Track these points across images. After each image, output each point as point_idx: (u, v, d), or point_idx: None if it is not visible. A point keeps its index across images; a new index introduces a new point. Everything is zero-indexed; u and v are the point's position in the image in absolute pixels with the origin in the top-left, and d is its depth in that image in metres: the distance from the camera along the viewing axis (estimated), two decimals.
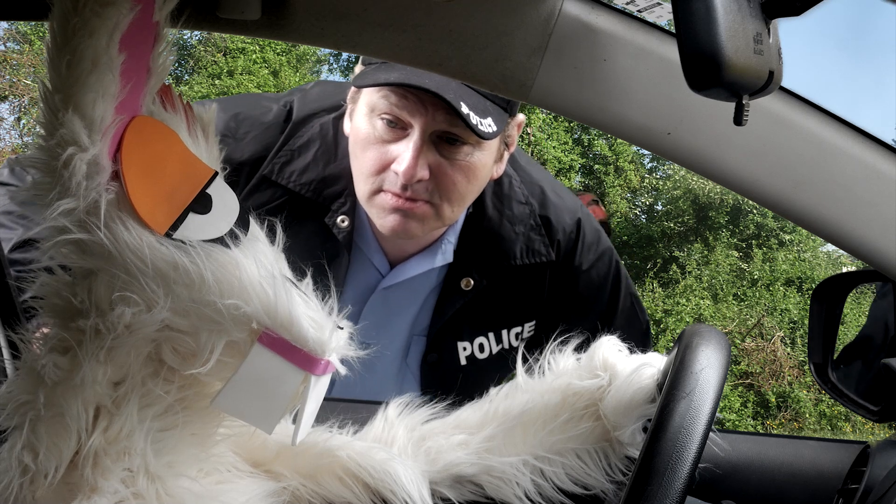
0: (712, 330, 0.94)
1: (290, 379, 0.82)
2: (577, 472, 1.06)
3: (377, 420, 1.11)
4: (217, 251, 0.81)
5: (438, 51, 1.00)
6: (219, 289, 0.79)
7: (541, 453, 1.06)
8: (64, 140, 0.74)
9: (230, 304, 0.78)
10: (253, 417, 0.84)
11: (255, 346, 0.80)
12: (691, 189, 12.99)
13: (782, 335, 9.26)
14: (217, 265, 0.80)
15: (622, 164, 13.71)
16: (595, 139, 13.60)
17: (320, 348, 0.82)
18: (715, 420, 0.84)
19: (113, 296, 0.79)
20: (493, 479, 1.06)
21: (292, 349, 0.81)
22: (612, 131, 1.02)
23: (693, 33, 0.62)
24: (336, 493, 1.03)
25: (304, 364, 0.82)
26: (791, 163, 0.97)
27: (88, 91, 0.74)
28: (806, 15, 0.67)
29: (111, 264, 0.78)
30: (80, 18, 0.73)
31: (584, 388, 1.07)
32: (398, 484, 1.01)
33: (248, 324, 0.80)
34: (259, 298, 0.80)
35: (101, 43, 0.74)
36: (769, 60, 0.67)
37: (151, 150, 0.82)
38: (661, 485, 0.78)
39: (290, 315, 0.80)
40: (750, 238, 12.78)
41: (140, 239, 0.78)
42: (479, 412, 1.11)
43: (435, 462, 1.06)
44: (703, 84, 0.64)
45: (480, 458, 1.06)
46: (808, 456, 1.21)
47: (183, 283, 0.78)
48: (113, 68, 0.75)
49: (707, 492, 1.17)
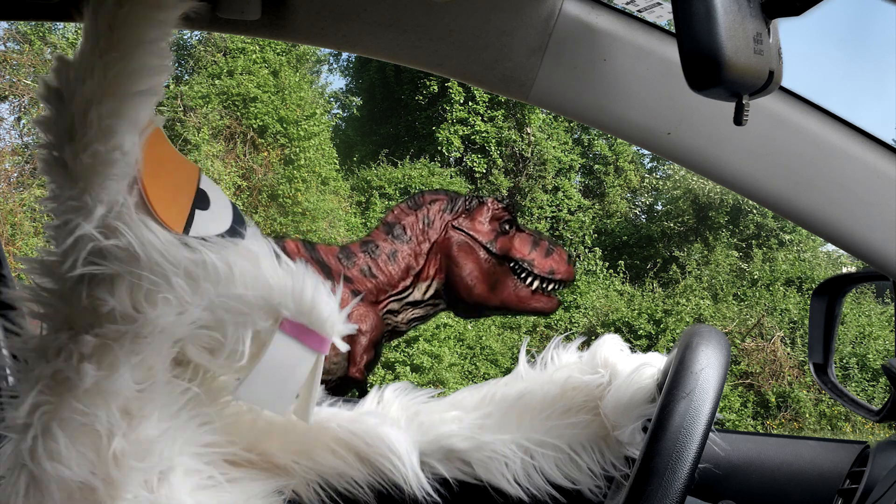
0: (712, 330, 0.94)
1: (306, 361, 0.84)
2: (567, 464, 1.06)
3: (369, 397, 1.11)
4: (233, 244, 0.82)
5: (438, 51, 1.00)
6: (243, 281, 0.80)
7: (534, 436, 1.06)
8: (112, 146, 0.75)
9: (258, 296, 0.80)
10: (271, 403, 0.86)
11: (277, 334, 0.82)
12: (691, 189, 12.98)
13: (782, 335, 9.25)
14: (237, 258, 0.81)
15: (622, 164, 13.70)
16: (595, 139, 13.59)
17: (330, 329, 0.84)
18: (715, 420, 0.84)
19: (142, 297, 0.79)
20: (484, 457, 1.06)
21: (308, 332, 0.83)
22: (612, 131, 1.02)
23: (693, 33, 0.62)
24: (330, 465, 1.03)
25: (317, 345, 0.84)
26: (791, 163, 0.97)
27: (140, 94, 0.76)
28: (806, 15, 0.67)
29: (136, 267, 0.79)
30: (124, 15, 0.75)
31: (583, 383, 1.08)
32: (391, 448, 1.01)
33: (275, 312, 0.81)
34: (280, 286, 0.81)
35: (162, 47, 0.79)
36: (769, 60, 0.67)
37: (153, 151, 0.83)
38: (661, 485, 0.78)
39: (312, 300, 0.82)
40: (750, 238, 12.77)
41: (163, 239, 0.79)
42: (477, 395, 1.12)
43: (426, 433, 1.07)
44: (703, 84, 0.64)
45: (473, 433, 1.06)
46: (808, 456, 1.21)
47: (209, 279, 0.79)
48: (165, 71, 0.79)
49: (707, 492, 1.17)
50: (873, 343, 9.16)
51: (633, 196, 14.40)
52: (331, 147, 10.77)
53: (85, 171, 0.76)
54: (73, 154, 0.76)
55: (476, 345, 9.15)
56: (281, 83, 10.04)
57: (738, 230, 12.90)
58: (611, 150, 13.65)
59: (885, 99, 31.68)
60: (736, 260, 11.85)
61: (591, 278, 11.18)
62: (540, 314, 3.23)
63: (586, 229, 12.71)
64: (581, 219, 12.76)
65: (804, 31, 28.62)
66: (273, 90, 9.94)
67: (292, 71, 10.46)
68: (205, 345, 0.84)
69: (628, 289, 11.05)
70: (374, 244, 3.12)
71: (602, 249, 12.07)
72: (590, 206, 13.15)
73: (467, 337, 9.17)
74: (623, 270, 11.50)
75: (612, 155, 13.65)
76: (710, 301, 9.98)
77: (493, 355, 9.08)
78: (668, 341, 8.97)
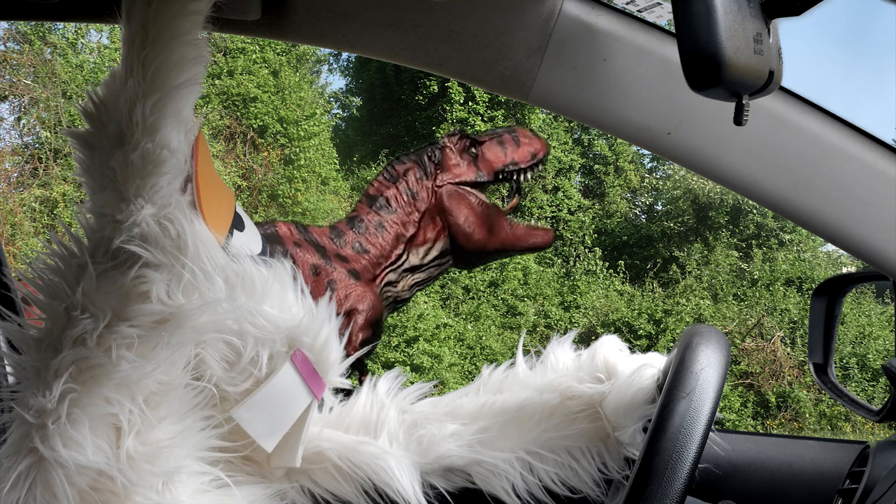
0: (712, 330, 0.94)
1: (302, 400, 0.84)
2: (568, 471, 1.06)
3: (363, 396, 1.10)
4: (273, 266, 0.84)
5: (438, 51, 1.00)
6: (272, 301, 0.81)
7: (533, 449, 1.06)
8: (159, 143, 0.76)
9: (283, 318, 0.81)
10: (261, 432, 0.86)
11: (287, 363, 0.82)
12: (691, 189, 12.98)
13: (782, 335, 9.25)
14: (271, 279, 0.82)
15: (622, 164, 13.70)
16: (595, 139, 13.59)
17: (334, 375, 0.85)
18: (715, 420, 0.84)
19: (180, 289, 0.80)
20: (484, 471, 1.06)
21: (313, 374, 0.84)
22: (612, 131, 1.02)
23: (693, 33, 0.62)
24: (331, 487, 1.04)
25: (316, 388, 0.84)
26: (791, 163, 0.97)
27: (180, 89, 0.77)
28: (806, 15, 0.67)
29: (182, 258, 0.80)
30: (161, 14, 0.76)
31: (582, 392, 1.07)
32: (392, 477, 1.01)
33: (293, 340, 0.82)
34: (309, 317, 0.82)
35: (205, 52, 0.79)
36: (769, 60, 0.67)
37: (206, 162, 0.85)
38: (661, 485, 0.78)
39: (327, 340, 0.83)
40: (750, 238, 12.77)
41: (210, 240, 0.81)
42: (475, 403, 1.11)
43: (427, 453, 1.06)
44: (703, 84, 0.64)
45: (472, 450, 1.06)
46: (808, 456, 1.21)
47: (245, 289, 0.80)
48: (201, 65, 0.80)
49: (707, 492, 1.17)
50: (873, 343, 9.16)
51: (633, 196, 14.40)
52: (331, 147, 10.77)
53: (135, 172, 0.77)
54: (124, 157, 0.77)
55: (476, 345, 9.15)
56: (281, 83, 10.04)
57: (738, 230, 12.90)
58: (611, 150, 13.65)
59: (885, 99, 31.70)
60: (736, 260, 11.85)
61: (591, 278, 11.18)
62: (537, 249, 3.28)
63: (586, 229, 12.71)
64: (581, 219, 12.76)
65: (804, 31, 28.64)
66: (273, 90, 9.94)
67: (292, 71, 10.46)
68: (223, 355, 0.85)
69: (628, 289, 11.05)
70: (359, 219, 3.15)
71: (602, 249, 12.07)
72: (590, 206, 13.14)
73: (467, 337, 9.17)
74: (623, 270, 11.50)
75: (612, 155, 13.64)
76: (710, 301, 9.98)
77: (493, 355, 9.08)
78: (668, 341, 8.97)
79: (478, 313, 9.72)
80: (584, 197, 13.28)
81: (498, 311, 10.05)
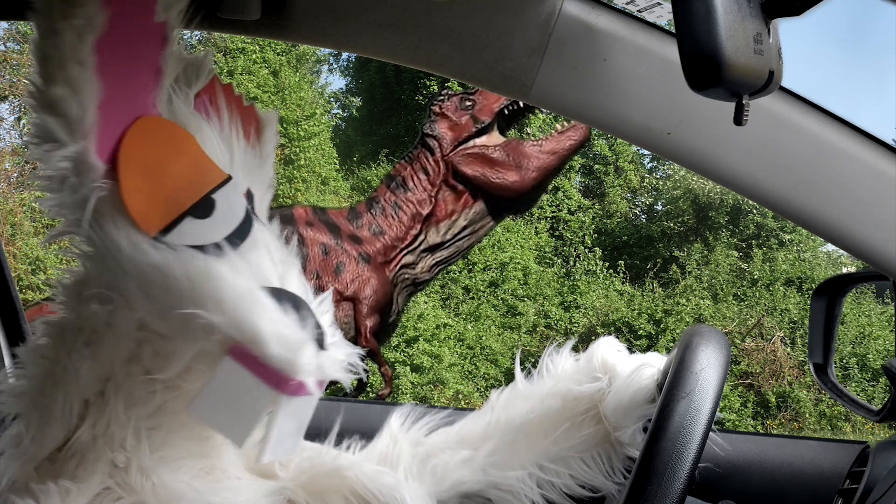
0: (712, 330, 0.94)
1: (262, 395, 0.80)
2: (582, 478, 1.07)
3: (383, 434, 1.11)
4: (199, 258, 0.79)
5: (438, 51, 1.00)
6: (194, 297, 0.78)
7: (545, 464, 1.06)
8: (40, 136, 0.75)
9: (198, 314, 0.77)
10: (224, 428, 0.83)
11: (225, 359, 0.79)
12: (691, 189, 12.97)
13: (782, 335, 9.25)
14: (197, 273, 0.78)
15: (622, 164, 13.69)
16: (595, 139, 13.57)
17: (289, 367, 0.78)
18: (715, 420, 0.84)
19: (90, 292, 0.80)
20: (501, 493, 1.06)
21: (261, 366, 0.79)
22: (612, 131, 1.02)
23: (693, 33, 0.62)
24: None
25: (274, 382, 0.80)
26: (791, 163, 0.97)
27: (58, 88, 0.74)
28: (806, 15, 0.67)
29: (100, 261, 0.80)
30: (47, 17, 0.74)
31: (583, 393, 1.07)
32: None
33: (216, 335, 0.79)
34: (231, 311, 0.78)
35: (67, 41, 0.74)
36: (769, 60, 0.67)
37: (155, 151, 0.82)
38: (661, 485, 0.78)
39: (255, 331, 0.77)
40: (750, 238, 12.76)
41: (127, 238, 0.78)
42: (481, 423, 1.11)
43: (441, 482, 1.06)
44: (703, 84, 0.64)
45: (486, 474, 1.06)
46: (808, 456, 1.21)
47: (161, 287, 0.78)
48: (85, 67, 0.75)
49: (707, 492, 1.18)
50: (873, 343, 9.16)
51: (633, 196, 14.39)
52: (331, 147, 10.77)
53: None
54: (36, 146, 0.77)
55: (476, 345, 9.15)
56: (281, 83, 10.04)
57: (738, 230, 12.89)
58: (611, 150, 13.64)
59: (885, 99, 31.66)
60: (736, 260, 11.84)
61: (591, 278, 11.18)
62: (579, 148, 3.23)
63: (586, 229, 12.71)
64: (581, 219, 12.75)
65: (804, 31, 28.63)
66: (273, 90, 9.94)
67: (292, 71, 10.46)
68: (159, 350, 0.84)
69: (628, 289, 11.05)
70: (377, 200, 3.17)
71: (602, 249, 12.06)
72: (590, 206, 13.14)
73: (467, 337, 9.17)
74: (623, 270, 11.50)
75: (612, 155, 13.63)
76: (710, 301, 9.98)
77: (493, 355, 9.08)
78: (668, 341, 8.96)
79: (478, 313, 9.72)
80: (584, 197, 13.28)
81: (498, 311, 10.05)
